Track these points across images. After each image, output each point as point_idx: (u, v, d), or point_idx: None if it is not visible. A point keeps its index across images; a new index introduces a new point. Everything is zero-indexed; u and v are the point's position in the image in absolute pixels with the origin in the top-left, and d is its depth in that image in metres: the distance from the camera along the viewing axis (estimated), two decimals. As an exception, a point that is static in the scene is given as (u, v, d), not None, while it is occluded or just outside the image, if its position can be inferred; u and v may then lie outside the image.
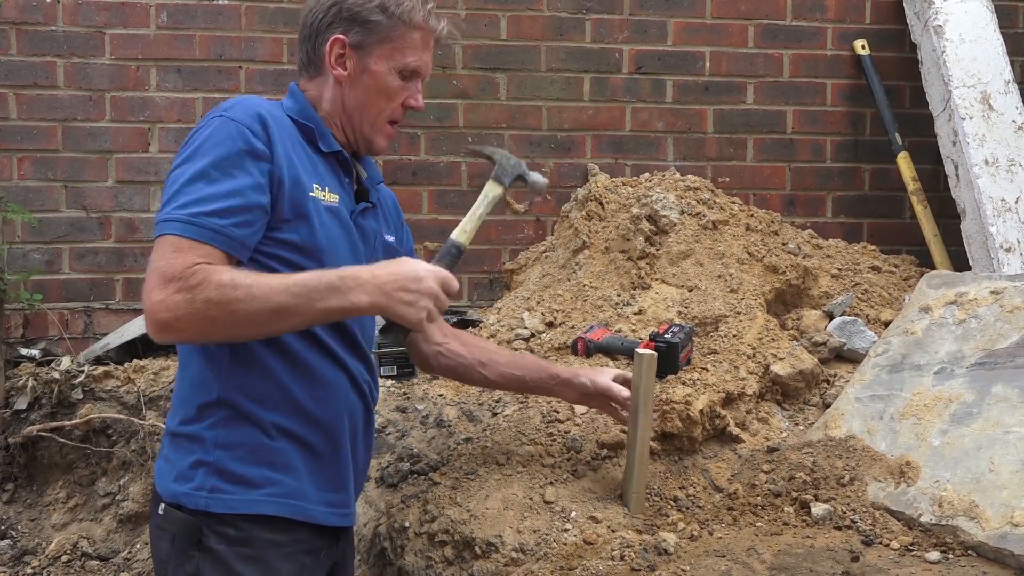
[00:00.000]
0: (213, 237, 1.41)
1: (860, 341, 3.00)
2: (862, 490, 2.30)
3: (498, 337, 3.10)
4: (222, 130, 1.48)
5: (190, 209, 1.41)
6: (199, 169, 1.44)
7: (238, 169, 1.46)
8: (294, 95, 1.69)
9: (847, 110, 3.84)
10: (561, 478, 2.47)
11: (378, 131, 1.68)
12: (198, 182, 1.43)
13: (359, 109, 1.65)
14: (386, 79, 1.64)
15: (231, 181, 1.44)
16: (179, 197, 1.43)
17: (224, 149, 1.46)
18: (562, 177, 3.69)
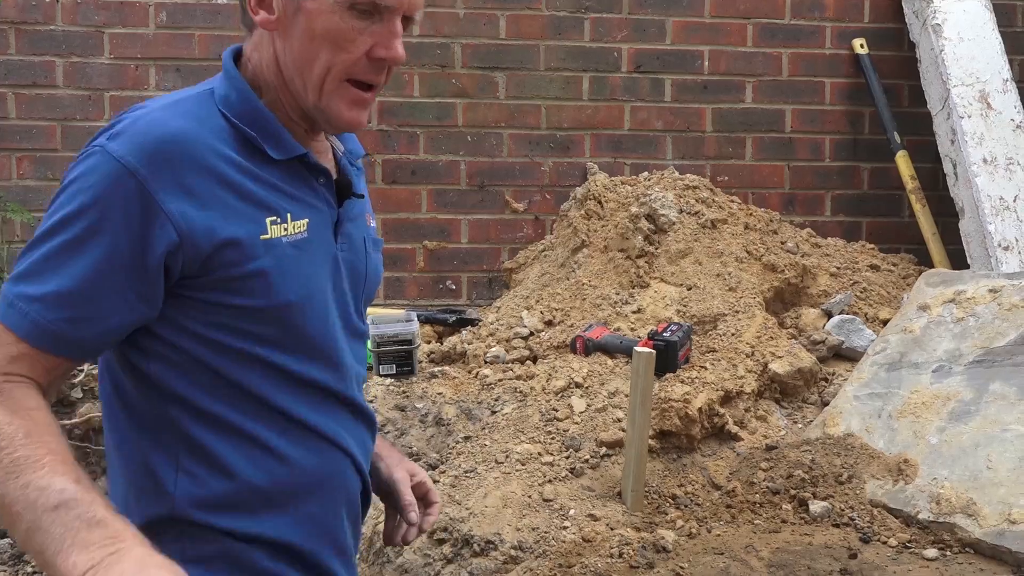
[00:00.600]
0: (32, 331, 1.02)
1: (859, 339, 3.01)
2: (860, 488, 2.31)
3: (497, 335, 3.11)
4: (95, 174, 1.03)
5: (19, 288, 1.03)
6: (48, 229, 1.03)
7: (102, 238, 1.02)
8: (228, 75, 1.16)
9: (846, 109, 3.85)
10: (560, 476, 2.48)
11: (331, 96, 1.12)
12: (41, 247, 1.04)
13: (297, 67, 1.11)
14: (328, 19, 1.09)
15: (83, 257, 1.02)
16: (19, 262, 1.06)
17: (87, 206, 1.02)
18: (561, 176, 3.69)
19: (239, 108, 1.12)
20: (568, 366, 2.87)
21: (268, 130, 1.13)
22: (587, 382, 2.80)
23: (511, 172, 3.66)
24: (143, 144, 1.03)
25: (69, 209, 1.02)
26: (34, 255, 1.04)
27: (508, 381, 2.86)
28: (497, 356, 3.00)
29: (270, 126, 1.13)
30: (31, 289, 1.02)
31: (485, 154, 3.63)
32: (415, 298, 3.62)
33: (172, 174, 1.04)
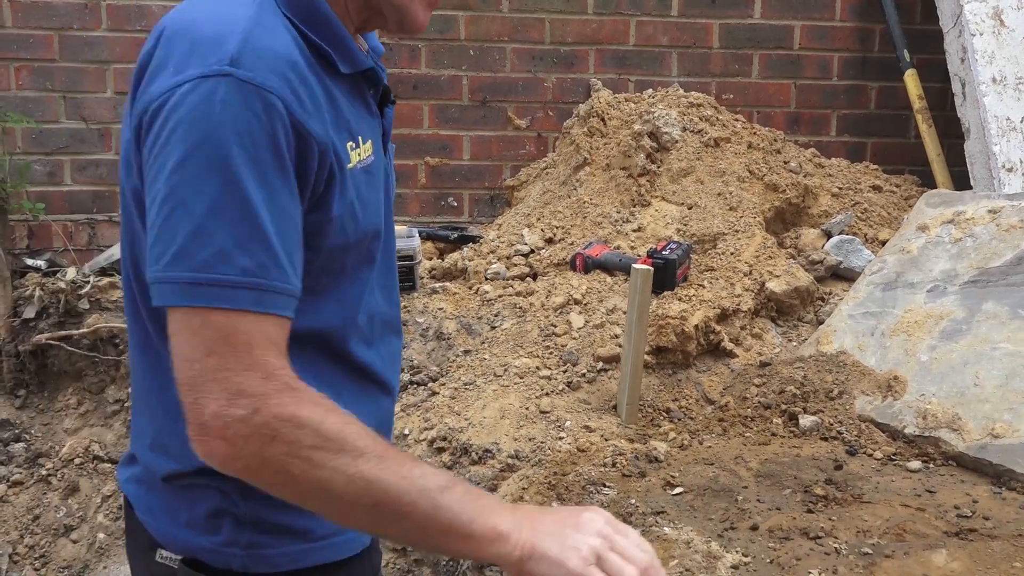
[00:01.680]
0: (275, 301, 0.90)
1: (857, 260, 3.03)
2: (850, 403, 2.36)
3: (498, 252, 3.13)
4: (239, 107, 0.88)
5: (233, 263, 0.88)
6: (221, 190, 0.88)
7: (280, 174, 0.91)
8: None
9: (856, 25, 3.77)
10: (557, 389, 2.54)
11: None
12: (228, 212, 0.88)
13: None
14: None
15: (274, 199, 0.90)
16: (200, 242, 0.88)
17: (252, 145, 0.88)
18: (564, 93, 3.65)
19: (306, 12, 0.98)
20: (567, 283, 2.90)
21: (338, 40, 1.00)
22: (586, 299, 2.83)
23: (514, 88, 3.62)
24: (274, 66, 0.90)
25: (220, 150, 0.87)
26: (196, 213, 0.87)
27: (508, 297, 2.90)
28: (497, 273, 3.03)
29: (340, 35, 1.00)
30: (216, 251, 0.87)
31: (488, 69, 3.58)
32: (417, 214, 3.63)
33: (301, 97, 0.93)
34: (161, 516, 1.07)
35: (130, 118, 0.98)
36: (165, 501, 1.07)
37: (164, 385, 0.98)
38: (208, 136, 0.87)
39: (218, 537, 1.04)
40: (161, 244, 0.89)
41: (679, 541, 1.87)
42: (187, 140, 0.88)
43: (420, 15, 1.05)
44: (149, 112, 0.92)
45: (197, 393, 0.87)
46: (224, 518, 1.04)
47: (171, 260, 0.88)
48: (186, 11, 0.96)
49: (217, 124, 0.88)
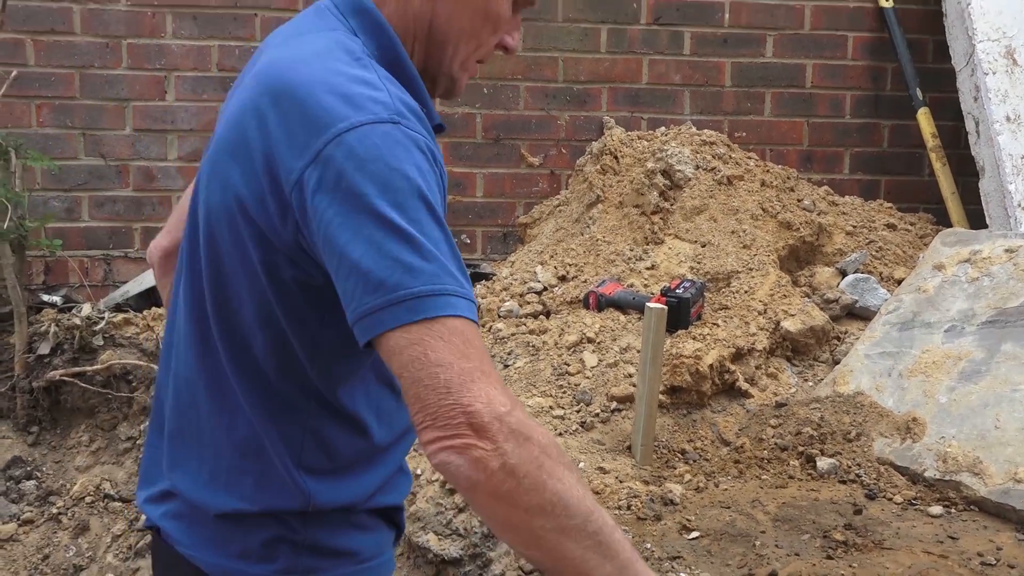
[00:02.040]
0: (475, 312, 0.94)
1: (872, 298, 3.01)
2: (868, 445, 2.33)
3: (511, 290, 3.13)
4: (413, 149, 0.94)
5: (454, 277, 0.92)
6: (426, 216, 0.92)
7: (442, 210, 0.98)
8: (373, 22, 1.06)
9: (868, 64, 3.78)
10: (571, 430, 2.52)
11: (463, 69, 1.12)
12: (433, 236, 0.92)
13: (457, 36, 1.08)
14: (500, 4, 1.08)
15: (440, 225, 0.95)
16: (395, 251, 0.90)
17: (429, 184, 0.94)
18: (577, 130, 3.67)
19: (398, 72, 1.04)
20: (581, 321, 2.89)
21: (422, 98, 1.06)
22: (599, 337, 2.82)
23: (527, 125, 3.65)
24: (419, 119, 0.97)
25: (415, 182, 0.91)
26: (429, 234, 0.91)
27: (521, 335, 2.89)
28: (511, 310, 3.02)
29: (422, 94, 1.07)
30: (448, 266, 0.91)
31: (501, 107, 3.61)
32: (430, 251, 3.64)
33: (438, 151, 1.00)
34: (210, 548, 1.07)
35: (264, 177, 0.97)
36: (215, 534, 1.07)
37: (235, 424, 1.03)
38: (399, 168, 0.91)
39: (274, 565, 1.05)
40: (381, 271, 0.89)
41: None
42: (381, 172, 0.91)
43: (462, 86, 1.14)
44: (323, 157, 0.92)
45: (457, 395, 0.86)
46: (281, 545, 1.05)
47: (397, 283, 0.89)
48: (314, 68, 0.98)
49: (403, 159, 0.92)
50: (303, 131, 0.94)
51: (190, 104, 3.48)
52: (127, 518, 2.68)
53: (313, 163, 0.92)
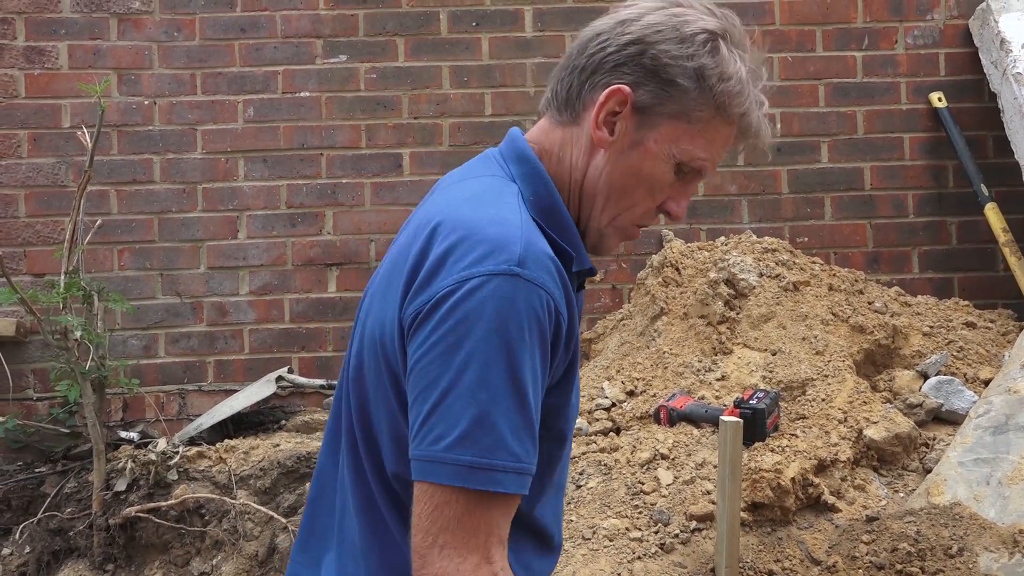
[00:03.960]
0: (526, 483, 0.97)
1: (959, 401, 2.87)
2: (972, 561, 2.17)
3: (579, 408, 3.08)
4: (524, 303, 0.96)
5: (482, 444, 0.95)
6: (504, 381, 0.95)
7: (543, 364, 1.00)
8: (532, 170, 1.11)
9: (927, 163, 3.76)
10: (649, 552, 2.41)
11: (618, 229, 1.14)
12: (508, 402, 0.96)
13: (608, 191, 1.10)
14: (658, 166, 1.09)
15: (538, 388, 0.98)
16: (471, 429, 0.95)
17: (531, 339, 0.97)
18: (636, 244, 3.69)
19: (551, 217, 1.09)
20: (652, 437, 2.82)
21: (575, 243, 1.11)
22: (673, 453, 2.74)
23: (586, 243, 3.68)
24: (547, 270, 1.00)
25: (505, 342, 0.95)
26: (477, 398, 0.94)
27: (592, 454, 2.83)
28: (580, 428, 2.97)
29: (576, 239, 1.11)
30: (495, 441, 0.94)
31: (560, 226, 3.67)
32: (495, 371, 3.63)
33: (563, 301, 1.03)
34: None
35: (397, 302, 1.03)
36: None
37: (387, 546, 1.08)
38: (496, 329, 0.95)
39: None
40: (442, 426, 0.94)
41: None
42: (476, 331, 0.95)
43: (613, 246, 1.17)
44: (435, 299, 0.98)
45: (423, 562, 0.94)
46: None
47: (453, 443, 0.94)
48: (460, 210, 1.04)
49: (505, 319, 0.95)
50: (435, 270, 0.99)
51: (261, 240, 3.63)
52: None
53: (434, 298, 0.98)
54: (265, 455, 3.03)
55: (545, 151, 1.13)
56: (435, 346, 0.96)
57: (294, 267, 3.63)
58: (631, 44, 1.07)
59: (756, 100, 1.10)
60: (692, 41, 1.06)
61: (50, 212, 3.57)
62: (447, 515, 0.94)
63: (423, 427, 0.95)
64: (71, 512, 3.01)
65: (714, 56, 1.07)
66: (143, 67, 3.63)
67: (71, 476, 3.14)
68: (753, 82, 1.09)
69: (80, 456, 3.23)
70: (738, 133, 1.11)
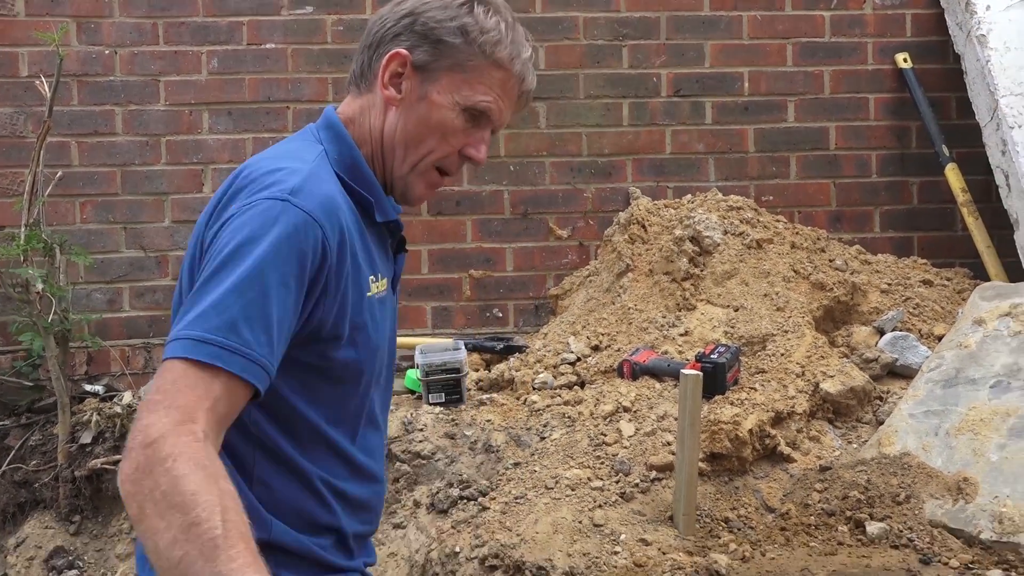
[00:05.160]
0: (254, 371, 1.07)
1: (913, 356, 2.95)
2: (919, 508, 2.25)
3: (545, 362, 3.12)
4: (283, 220, 1.11)
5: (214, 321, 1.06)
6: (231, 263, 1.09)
7: (297, 283, 1.11)
8: (336, 134, 1.29)
9: (891, 124, 3.80)
10: (610, 501, 2.47)
11: (420, 175, 1.29)
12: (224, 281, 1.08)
13: (404, 143, 1.27)
14: (446, 113, 1.26)
15: (272, 290, 1.09)
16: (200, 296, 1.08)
17: (286, 254, 1.10)
18: (603, 202, 3.71)
19: (352, 172, 1.27)
20: (616, 390, 2.87)
21: (375, 194, 1.29)
22: (635, 406, 2.79)
23: (554, 200, 3.70)
24: (322, 203, 1.16)
25: (260, 247, 1.09)
26: (221, 288, 1.07)
27: (556, 407, 2.87)
28: (545, 382, 3.01)
29: (377, 192, 1.29)
30: (227, 320, 1.05)
31: (528, 183, 3.68)
32: (462, 327, 3.66)
33: (338, 235, 1.17)
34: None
35: (198, 237, 1.21)
36: None
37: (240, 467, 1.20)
38: (255, 238, 1.10)
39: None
40: (187, 311, 1.08)
41: (747, 662, 1.76)
42: (236, 237, 1.11)
43: (419, 192, 1.33)
44: (220, 223, 1.15)
45: (136, 419, 1.02)
46: None
47: (188, 322, 1.06)
48: (259, 160, 1.23)
49: (264, 231, 1.11)
50: (228, 203, 1.18)
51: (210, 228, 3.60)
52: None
53: (218, 225, 1.15)
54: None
55: (350, 119, 1.31)
56: (209, 257, 1.12)
57: (260, 221, 3.60)
58: (405, 17, 1.28)
59: (518, 44, 1.28)
60: (452, 6, 1.28)
61: (9, 163, 3.50)
62: (166, 379, 1.03)
63: (180, 312, 1.10)
64: (36, 464, 3.01)
65: (472, 15, 1.27)
66: (103, 15, 3.55)
67: (36, 429, 3.14)
68: (511, 32, 1.28)
69: (45, 409, 3.22)
70: (511, 74, 1.28)
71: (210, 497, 0.95)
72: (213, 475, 0.98)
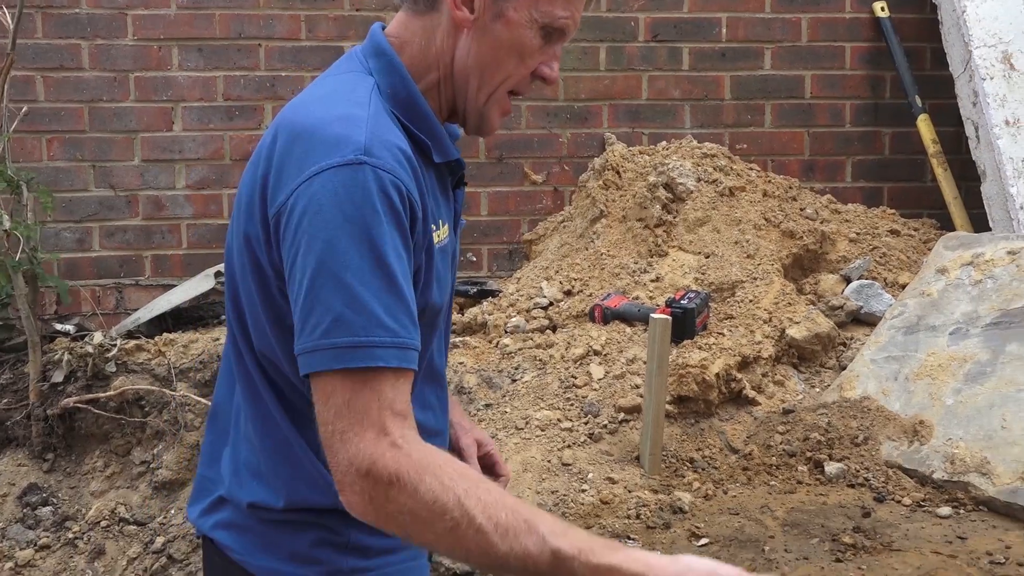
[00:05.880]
0: (410, 356, 1.01)
1: (877, 304, 3.01)
2: (876, 449, 2.33)
3: (517, 306, 3.15)
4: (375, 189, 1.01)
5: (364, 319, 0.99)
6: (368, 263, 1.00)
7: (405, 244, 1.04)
8: (388, 63, 1.14)
9: (866, 73, 3.81)
10: (579, 441, 2.53)
11: (496, 103, 1.17)
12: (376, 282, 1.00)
13: (480, 69, 1.13)
14: (523, 33, 1.13)
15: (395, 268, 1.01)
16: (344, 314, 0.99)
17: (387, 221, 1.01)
18: (579, 147, 3.71)
19: (408, 109, 1.13)
20: (587, 334, 2.91)
21: (434, 133, 1.14)
22: (605, 350, 2.84)
23: (529, 144, 3.69)
24: (395, 155, 1.04)
25: (365, 225, 0.99)
26: (346, 284, 0.98)
27: (528, 350, 2.91)
28: (517, 326, 3.04)
29: (436, 129, 1.15)
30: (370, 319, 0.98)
31: (503, 127, 3.65)
32: (437, 271, 3.67)
33: (414, 184, 1.06)
34: (261, 554, 1.15)
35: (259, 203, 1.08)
36: (264, 539, 1.15)
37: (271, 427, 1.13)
38: (351, 216, 0.99)
39: (320, 567, 1.12)
40: (315, 316, 0.98)
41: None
42: (331, 221, 0.99)
43: (495, 121, 1.19)
44: (290, 199, 1.02)
45: (331, 453, 0.97)
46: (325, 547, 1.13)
47: (328, 328, 0.98)
48: (310, 109, 1.08)
49: (358, 203, 0.99)
50: (292, 168, 1.04)
51: (197, 134, 3.55)
52: (142, 541, 2.70)
53: (289, 198, 1.02)
54: (205, 348, 3.05)
55: (405, 43, 1.15)
56: (297, 247, 1.00)
57: (232, 162, 3.56)
58: None
59: None
60: None
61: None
62: (337, 402, 0.97)
63: (303, 325, 0.99)
64: (7, 403, 3.01)
65: None
66: (67, -55, 3.44)
67: (6, 368, 3.13)
68: None
69: (15, 348, 3.21)
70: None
71: (448, 495, 0.95)
72: (432, 470, 0.96)
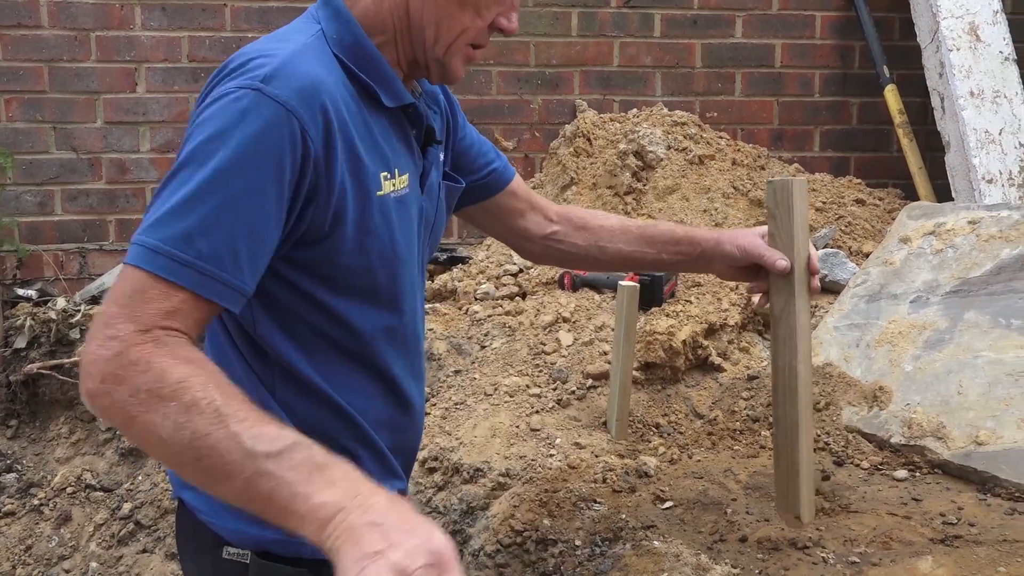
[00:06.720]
0: (216, 289, 0.97)
1: (842, 272, 3.06)
2: (836, 414, 2.38)
3: (487, 273, 3.16)
4: (254, 113, 0.99)
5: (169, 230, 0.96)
6: (194, 163, 0.98)
7: (275, 185, 1.00)
8: (339, 14, 1.13)
9: (836, 43, 3.83)
10: (547, 407, 2.55)
11: (454, 53, 1.16)
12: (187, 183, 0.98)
13: (435, 22, 1.13)
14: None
15: (240, 194, 0.98)
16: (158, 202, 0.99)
17: (256, 152, 0.98)
18: (550, 114, 3.69)
19: (353, 52, 1.12)
20: (556, 301, 2.92)
21: (381, 75, 1.13)
22: (574, 317, 2.86)
23: (500, 110, 3.67)
24: (299, 89, 1.02)
25: (225, 147, 0.97)
26: (181, 192, 0.96)
27: (497, 317, 2.92)
28: (487, 293, 3.05)
29: (384, 71, 1.14)
30: (182, 230, 0.95)
31: (474, 92, 3.63)
32: (406, 237, 3.66)
33: (322, 122, 1.03)
34: (227, 515, 1.14)
35: None
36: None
37: (225, 362, 1.14)
38: (221, 134, 0.98)
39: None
40: (148, 214, 0.99)
41: (668, 554, 1.88)
42: (202, 133, 0.99)
43: (459, 71, 1.19)
44: (196, 113, 1.05)
45: (90, 336, 0.95)
46: None
47: (147, 227, 0.98)
48: (254, 43, 1.12)
49: (232, 125, 0.99)
50: (204, 97, 1.08)
51: (161, 96, 3.48)
52: (109, 507, 2.70)
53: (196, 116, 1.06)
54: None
55: (362, 10, 1.15)
56: (179, 151, 1.03)
57: (198, 125, 3.50)
58: None
59: None
60: None
61: (-74, 56, 3.32)
62: (123, 289, 0.95)
63: (145, 214, 1.01)
64: (-31, 368, 2.97)
65: None
66: (23, -103, 3.33)
67: (-33, 333, 3.08)
68: None
69: (-24, 313, 3.16)
70: None
71: (198, 378, 0.90)
72: (191, 360, 0.92)
